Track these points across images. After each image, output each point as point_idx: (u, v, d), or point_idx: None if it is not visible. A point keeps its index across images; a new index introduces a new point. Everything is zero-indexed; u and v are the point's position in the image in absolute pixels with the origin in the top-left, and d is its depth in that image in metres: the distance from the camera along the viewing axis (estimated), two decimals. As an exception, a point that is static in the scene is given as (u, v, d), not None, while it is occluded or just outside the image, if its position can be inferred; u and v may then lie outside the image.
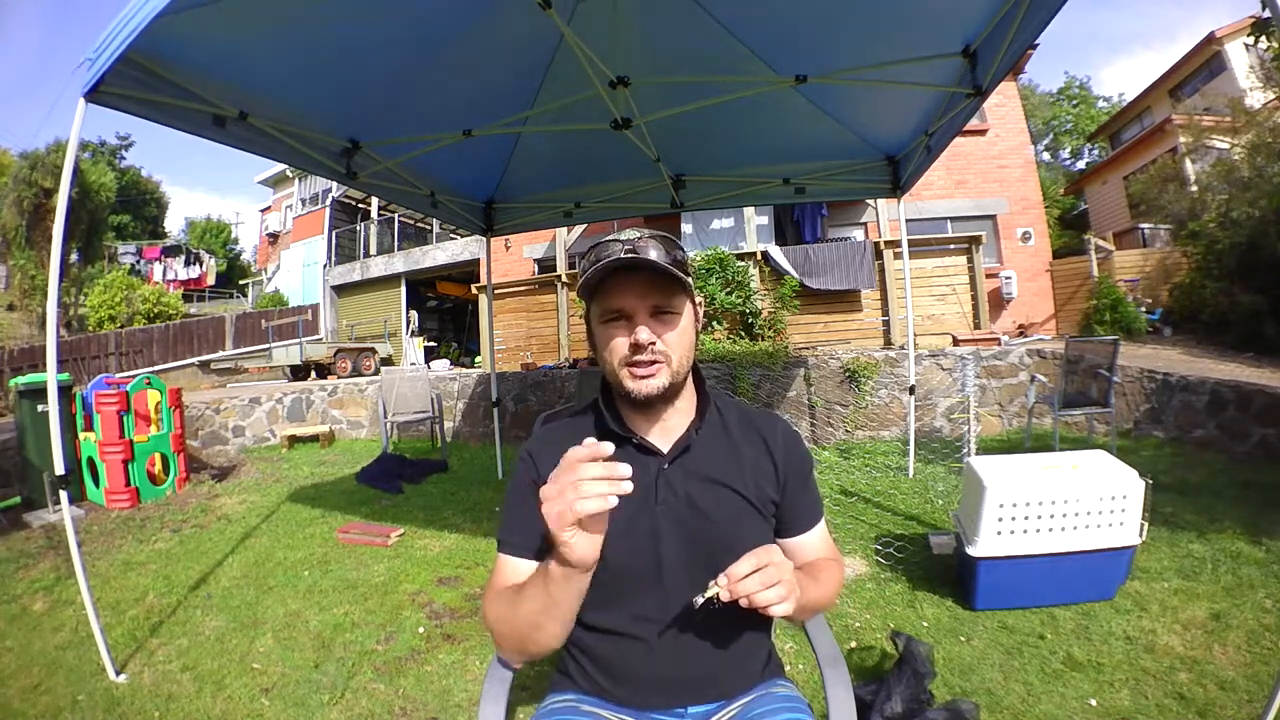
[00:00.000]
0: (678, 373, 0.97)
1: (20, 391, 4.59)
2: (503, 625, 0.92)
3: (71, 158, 2.19)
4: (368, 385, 8.02)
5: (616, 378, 0.97)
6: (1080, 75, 35.40)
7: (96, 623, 2.26)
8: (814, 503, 1.09)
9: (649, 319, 0.94)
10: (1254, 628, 2.19)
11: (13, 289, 16.74)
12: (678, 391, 1.00)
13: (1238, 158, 8.50)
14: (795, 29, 2.92)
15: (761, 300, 7.51)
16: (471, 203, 4.74)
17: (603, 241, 0.96)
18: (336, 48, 2.63)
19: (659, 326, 0.95)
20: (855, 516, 3.65)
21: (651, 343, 0.93)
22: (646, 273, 0.92)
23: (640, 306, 0.94)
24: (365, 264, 16.36)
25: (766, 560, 0.82)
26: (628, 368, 0.95)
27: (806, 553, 1.06)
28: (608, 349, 0.97)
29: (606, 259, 0.92)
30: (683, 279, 0.93)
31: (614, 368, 0.97)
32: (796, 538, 1.06)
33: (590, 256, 0.96)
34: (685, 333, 0.98)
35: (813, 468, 1.10)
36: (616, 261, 0.91)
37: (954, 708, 1.75)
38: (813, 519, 1.08)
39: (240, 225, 33.94)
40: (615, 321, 0.96)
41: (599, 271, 0.92)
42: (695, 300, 1.01)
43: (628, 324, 0.95)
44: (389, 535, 3.73)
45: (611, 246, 0.94)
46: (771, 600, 0.80)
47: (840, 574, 1.08)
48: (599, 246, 0.96)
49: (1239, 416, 4.52)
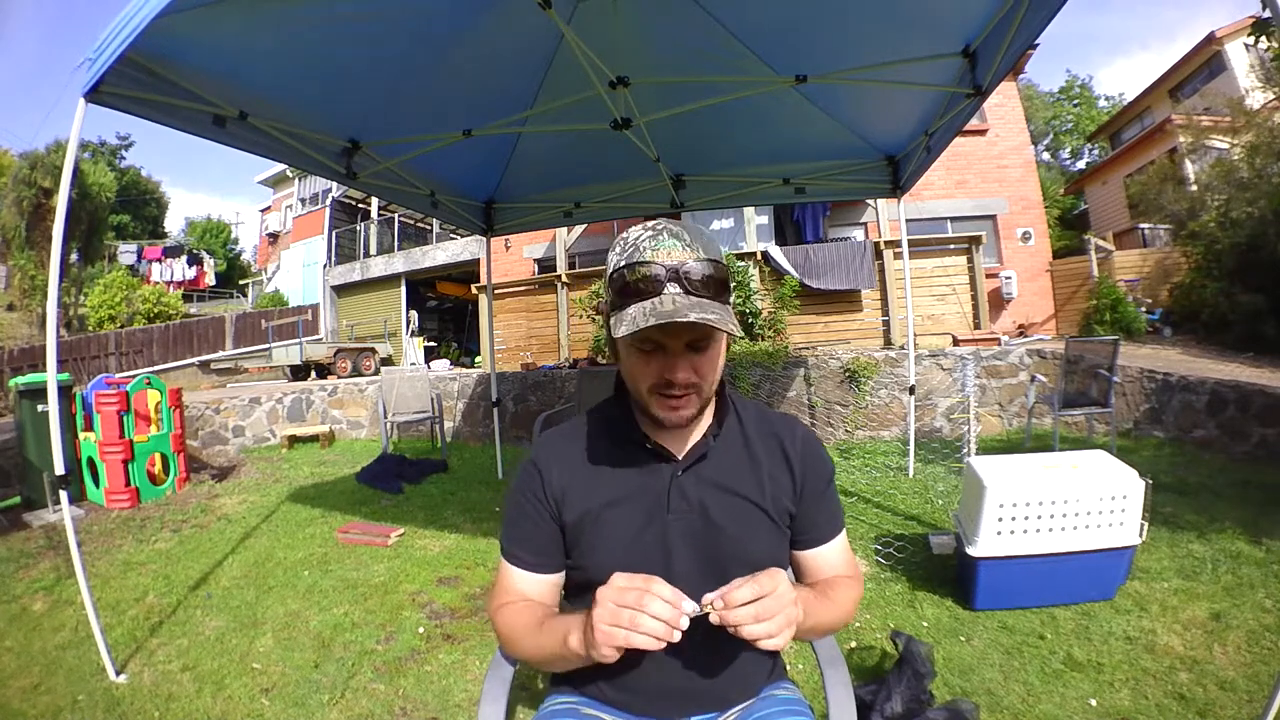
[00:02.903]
0: (707, 399, 0.93)
1: (20, 391, 4.59)
2: (511, 643, 0.95)
3: (71, 158, 2.19)
4: (368, 385, 8.02)
5: (644, 399, 0.92)
6: (1081, 75, 35.36)
7: (96, 623, 2.26)
8: (833, 514, 1.02)
9: (685, 352, 0.87)
10: (1254, 628, 2.19)
11: (13, 289, 16.72)
12: (704, 409, 0.96)
13: (1237, 158, 8.50)
14: (795, 29, 2.92)
15: (761, 300, 7.51)
16: (471, 203, 4.74)
17: (641, 259, 0.84)
18: (337, 48, 2.63)
19: (694, 360, 0.88)
20: (855, 516, 3.65)
21: (686, 379, 0.88)
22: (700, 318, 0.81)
23: (678, 342, 0.87)
24: (365, 264, 16.36)
25: (768, 589, 0.77)
26: (657, 396, 0.90)
27: (824, 567, 1.01)
28: (637, 373, 0.91)
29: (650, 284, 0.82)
30: (731, 324, 0.83)
31: (642, 391, 0.92)
32: (813, 550, 1.01)
33: (626, 274, 0.84)
34: (719, 358, 0.92)
35: (833, 476, 1.04)
36: (669, 321, 0.79)
37: (954, 708, 1.75)
38: (831, 531, 1.01)
39: (240, 225, 33.98)
40: (649, 352, 0.89)
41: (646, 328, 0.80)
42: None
43: (661, 354, 0.88)
44: (389, 535, 3.73)
45: (653, 269, 0.83)
46: (759, 635, 0.76)
47: (858, 592, 1.01)
48: (637, 265, 0.84)
49: (1239, 416, 4.52)
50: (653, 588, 0.75)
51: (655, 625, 0.73)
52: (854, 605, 1.00)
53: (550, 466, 0.99)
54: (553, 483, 0.98)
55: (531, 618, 0.92)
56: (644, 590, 0.75)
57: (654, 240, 0.85)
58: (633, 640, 0.73)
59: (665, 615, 0.73)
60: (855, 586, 1.01)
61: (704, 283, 0.84)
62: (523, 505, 0.99)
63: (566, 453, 1.01)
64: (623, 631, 0.74)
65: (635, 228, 0.89)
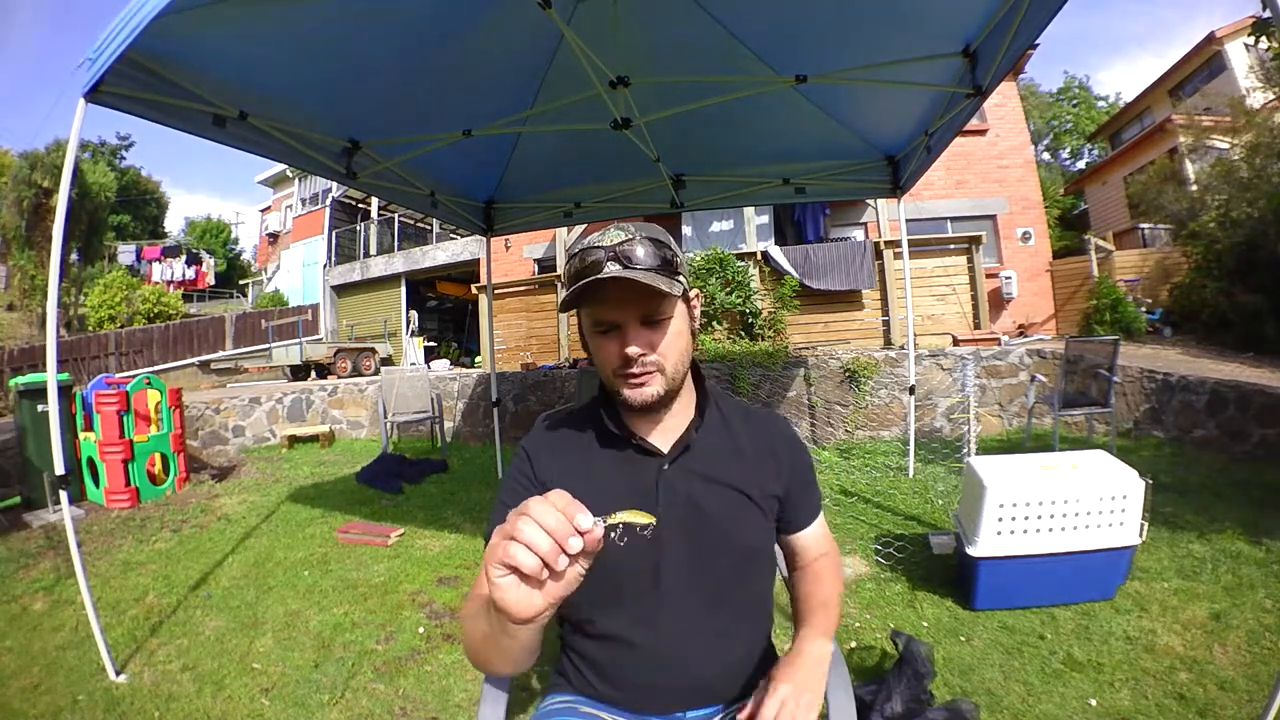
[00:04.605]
0: (673, 378, 0.96)
1: (20, 391, 4.58)
2: (465, 637, 0.86)
3: (71, 158, 2.19)
4: (368, 385, 8.02)
5: (612, 385, 0.97)
6: (1080, 76, 35.35)
7: (96, 623, 2.26)
8: (816, 497, 1.11)
9: (639, 328, 0.92)
10: (1254, 628, 2.19)
11: (13, 289, 16.71)
12: (675, 394, 0.98)
13: (1237, 158, 8.49)
14: (795, 29, 2.92)
15: (761, 300, 7.51)
16: (471, 203, 4.73)
17: (587, 247, 0.91)
18: (337, 48, 2.63)
19: (649, 335, 0.93)
20: (855, 516, 3.65)
21: (642, 354, 0.92)
22: (634, 281, 0.88)
23: (629, 316, 0.92)
24: (365, 264, 16.35)
25: (792, 708, 0.85)
26: (621, 377, 0.94)
27: (810, 547, 1.09)
28: (601, 358, 0.96)
29: (593, 268, 0.88)
30: (671, 287, 0.89)
31: (609, 376, 0.96)
32: (798, 534, 1.08)
33: (575, 263, 0.91)
34: (678, 337, 0.95)
35: (813, 465, 1.11)
36: (598, 280, 0.87)
37: (954, 708, 1.75)
38: (814, 513, 1.10)
39: (240, 225, 33.98)
40: (606, 333, 0.94)
41: (580, 288, 0.88)
42: (690, 298, 0.99)
43: (618, 334, 0.93)
44: (389, 535, 3.73)
45: (596, 253, 0.89)
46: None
47: (838, 564, 1.12)
48: (583, 252, 0.91)
49: (1239, 416, 4.52)
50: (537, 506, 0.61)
51: (540, 537, 0.58)
52: (840, 572, 1.11)
53: (540, 452, 1.02)
54: (543, 468, 1.00)
55: (483, 600, 0.75)
56: (538, 503, 0.61)
57: (601, 235, 0.92)
58: (515, 554, 0.58)
59: (556, 524, 0.59)
60: (836, 556, 1.12)
61: (643, 258, 0.89)
62: (509, 490, 1.00)
63: (557, 443, 1.04)
64: (507, 542, 0.59)
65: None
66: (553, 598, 0.61)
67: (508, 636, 0.71)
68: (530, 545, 0.58)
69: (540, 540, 0.58)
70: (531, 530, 0.58)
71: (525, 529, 0.59)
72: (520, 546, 0.58)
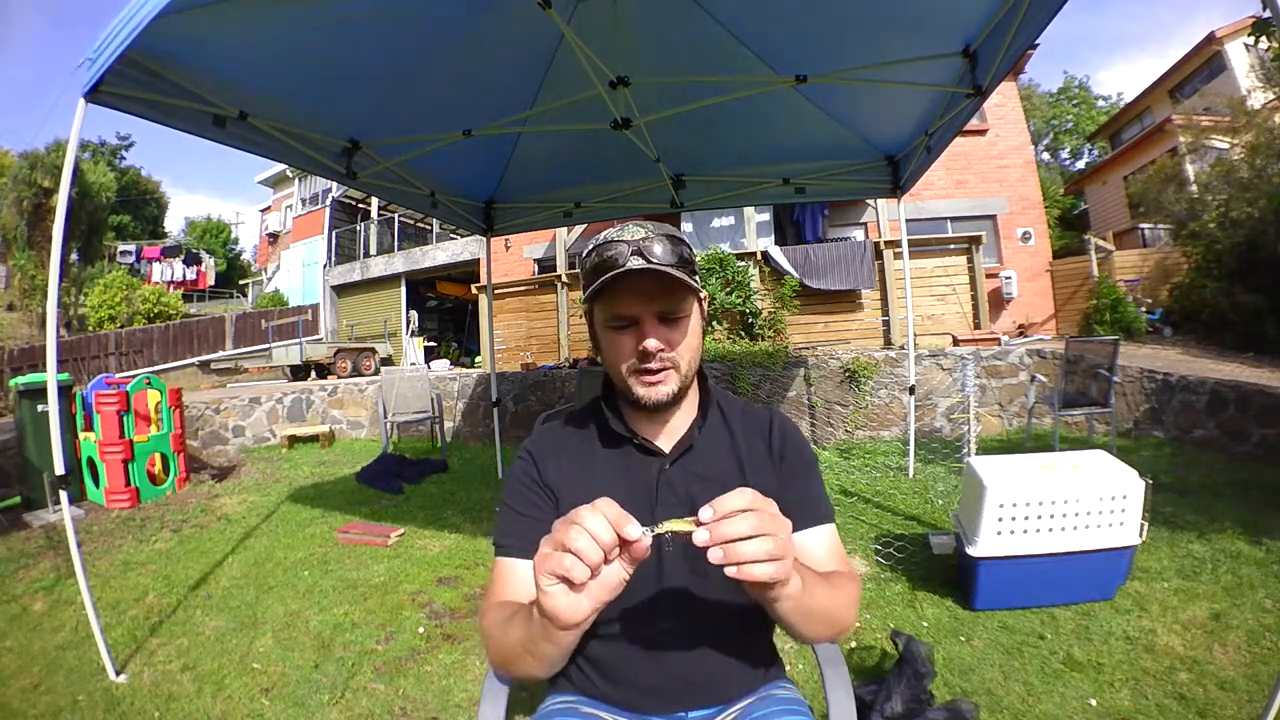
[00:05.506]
0: (686, 376, 0.95)
1: (20, 391, 4.58)
2: (491, 642, 0.87)
3: (71, 158, 2.19)
4: (368, 385, 8.02)
5: (624, 383, 0.94)
6: (1079, 76, 35.36)
7: (96, 623, 2.26)
8: (817, 499, 0.99)
9: (657, 325, 0.91)
10: (1254, 628, 2.19)
11: (13, 289, 16.72)
12: (685, 393, 0.98)
13: (1238, 158, 8.50)
14: (795, 29, 2.92)
15: (761, 300, 7.52)
16: (471, 203, 4.74)
17: (607, 241, 0.90)
18: (336, 48, 2.63)
19: (667, 332, 0.91)
20: (855, 516, 3.65)
21: (660, 350, 0.91)
22: (653, 277, 0.87)
23: (647, 312, 0.90)
24: (365, 264, 16.35)
25: (761, 504, 0.67)
26: (636, 374, 0.93)
27: (807, 556, 0.92)
28: (615, 355, 0.94)
29: (613, 262, 0.88)
30: (691, 283, 0.89)
31: (622, 373, 0.94)
32: (797, 535, 0.95)
33: (593, 257, 0.91)
34: (693, 336, 0.95)
35: (814, 463, 1.04)
36: (625, 271, 0.86)
37: (954, 708, 1.76)
38: (814, 516, 0.97)
39: (240, 225, 33.98)
40: (622, 329, 0.92)
41: (608, 278, 0.87)
42: (703, 298, 0.98)
43: (635, 330, 0.91)
44: (389, 535, 3.73)
45: (616, 247, 0.88)
46: (757, 555, 0.63)
47: (855, 587, 0.93)
48: (603, 246, 0.90)
49: (1239, 416, 4.52)
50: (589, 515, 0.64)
51: (593, 548, 0.61)
52: (853, 599, 0.91)
53: (543, 453, 1.02)
54: (548, 470, 1.00)
55: (510, 610, 0.85)
56: (586, 512, 0.64)
57: (620, 230, 0.91)
58: (567, 566, 0.61)
59: (597, 529, 0.62)
60: (851, 580, 0.93)
61: (662, 255, 0.88)
62: (514, 492, 0.99)
63: (560, 444, 1.04)
64: (559, 554, 0.62)
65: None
66: (598, 603, 0.65)
67: (550, 642, 0.74)
68: (581, 555, 0.61)
69: (591, 551, 0.61)
70: (584, 541, 0.61)
71: (577, 539, 0.61)
72: (572, 557, 0.61)
